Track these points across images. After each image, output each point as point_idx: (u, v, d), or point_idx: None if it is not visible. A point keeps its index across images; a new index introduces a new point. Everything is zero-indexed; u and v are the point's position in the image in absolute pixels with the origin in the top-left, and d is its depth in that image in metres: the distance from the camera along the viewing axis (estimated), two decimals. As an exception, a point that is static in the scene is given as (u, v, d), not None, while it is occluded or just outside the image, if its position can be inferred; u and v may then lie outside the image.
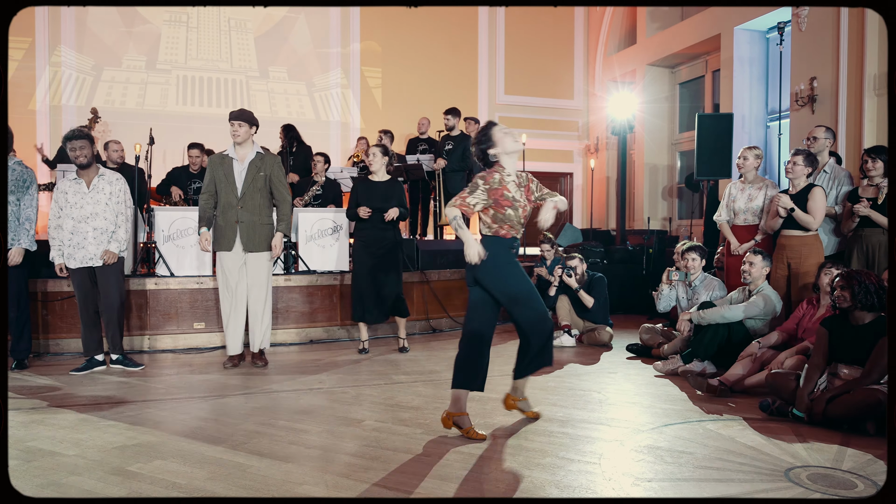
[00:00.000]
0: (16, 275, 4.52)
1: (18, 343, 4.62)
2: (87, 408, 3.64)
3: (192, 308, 5.42)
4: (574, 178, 11.79)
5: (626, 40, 11.27)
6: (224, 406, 3.72)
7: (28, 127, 8.80)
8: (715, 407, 3.68)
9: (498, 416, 3.47)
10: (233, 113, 4.49)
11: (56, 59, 9.06)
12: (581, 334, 5.73)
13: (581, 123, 11.74)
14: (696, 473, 2.66)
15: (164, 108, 9.45)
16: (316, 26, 10.20)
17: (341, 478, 2.59)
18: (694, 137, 7.51)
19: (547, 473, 2.64)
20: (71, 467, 2.71)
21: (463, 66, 10.95)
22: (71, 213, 4.43)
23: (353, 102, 10.43)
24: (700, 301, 4.73)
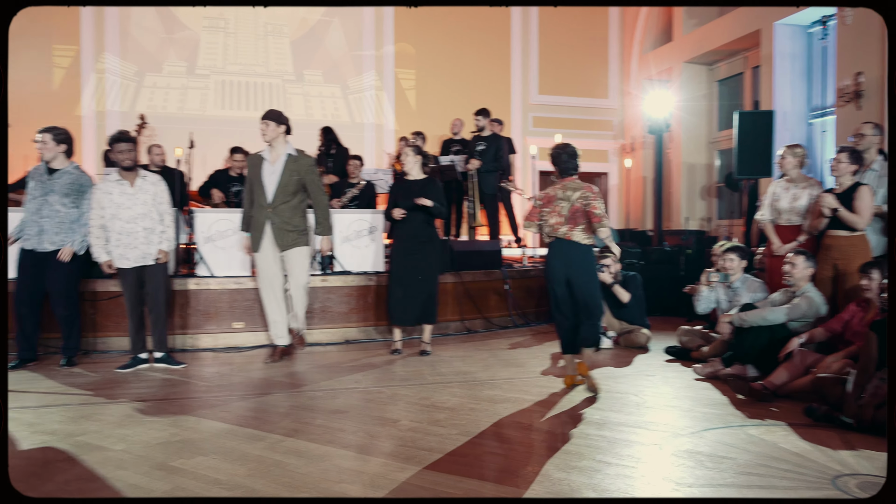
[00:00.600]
0: (66, 275, 4.66)
1: (68, 341, 4.75)
2: (132, 404, 3.72)
3: (232, 308, 5.50)
4: (609, 177, 11.65)
5: (662, 38, 11.09)
6: (263, 404, 3.77)
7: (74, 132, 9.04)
8: (757, 411, 3.57)
9: (534, 418, 3.44)
10: (264, 114, 4.56)
11: (101, 65, 9.32)
12: (617, 336, 5.63)
13: (616, 122, 11.59)
14: (738, 479, 2.59)
15: (204, 113, 9.65)
16: (350, 29, 10.29)
17: (378, 477, 2.60)
18: (733, 136, 7.34)
19: (584, 476, 2.61)
20: (117, 462, 2.77)
21: (496, 67, 10.91)
22: (119, 213, 4.51)
23: (386, 104, 10.48)
24: (741, 303, 4.62)
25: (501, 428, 3.26)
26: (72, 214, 4.65)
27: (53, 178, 4.65)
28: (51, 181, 4.63)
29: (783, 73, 8.31)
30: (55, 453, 2.90)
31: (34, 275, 4.61)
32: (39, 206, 4.59)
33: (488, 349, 5.47)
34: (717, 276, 5.00)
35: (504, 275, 6.64)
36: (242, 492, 2.46)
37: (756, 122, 7.09)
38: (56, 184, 4.62)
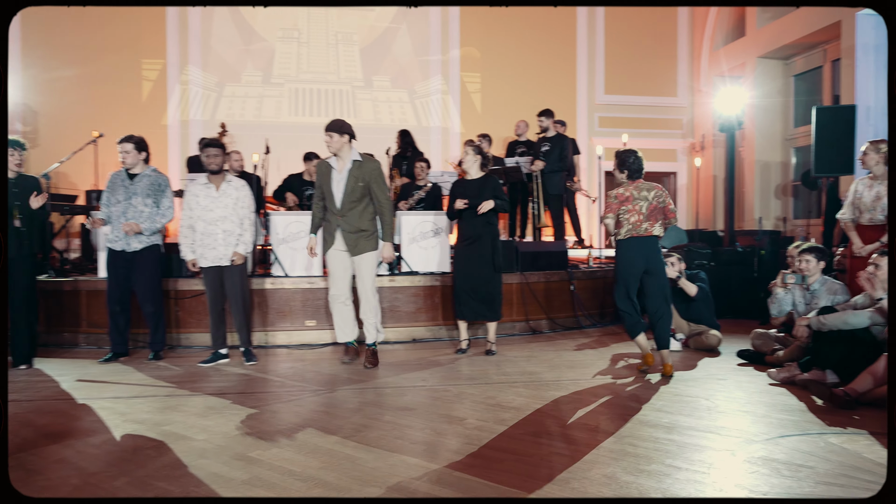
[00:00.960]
0: (150, 274, 4.93)
1: (154, 336, 5.03)
2: (213, 397, 3.88)
3: (304, 306, 5.67)
4: (678, 177, 11.30)
5: (733, 33, 10.67)
6: (334, 399, 3.85)
7: (161, 140, 9.55)
8: (838, 419, 3.38)
9: (601, 420, 3.38)
10: (327, 125, 4.57)
11: (185, 77, 9.79)
12: (687, 338, 5.47)
13: (685, 121, 11.23)
14: (818, 489, 2.46)
15: (278, 119, 9.97)
16: (417, 35, 10.40)
17: (445, 474, 2.61)
18: (811, 132, 6.98)
19: (653, 480, 2.54)
20: (200, 451, 2.90)
21: (562, 67, 10.79)
22: (203, 215, 4.73)
23: (452, 108, 10.53)
24: (820, 306, 4.39)
25: (567, 429, 3.22)
26: (153, 213, 4.92)
27: (135, 181, 4.91)
28: (133, 185, 4.90)
29: (866, 65, 7.83)
30: (144, 441, 3.06)
31: (122, 274, 4.89)
32: (125, 210, 4.83)
33: (554, 349, 5.42)
34: (793, 277, 4.77)
35: (570, 276, 6.56)
36: (314, 483, 2.52)
37: (836, 118, 6.72)
38: (138, 187, 4.88)
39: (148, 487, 2.49)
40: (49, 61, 9.32)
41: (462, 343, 5.27)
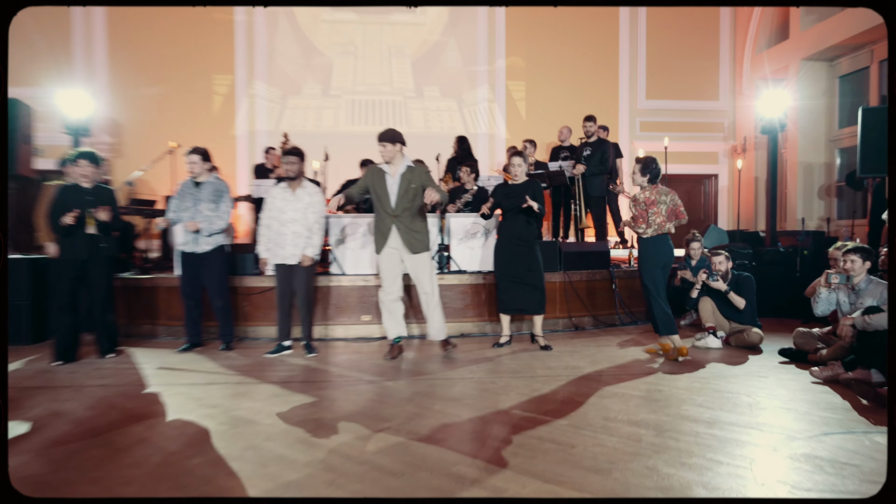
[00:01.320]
0: (218, 272, 5.10)
1: (225, 328, 5.20)
2: (277, 385, 3.99)
3: (360, 302, 5.76)
4: (719, 179, 10.97)
5: (777, 35, 10.28)
6: (388, 389, 3.91)
7: (230, 149, 9.89)
8: (884, 418, 3.23)
9: (642, 413, 3.33)
10: (379, 135, 4.61)
11: (252, 91, 10.09)
12: (727, 336, 5.32)
13: (727, 124, 10.90)
14: (864, 488, 2.37)
15: (336, 129, 10.16)
16: (465, 47, 10.42)
17: (491, 463, 2.63)
18: (856, 133, 6.67)
19: (694, 474, 2.49)
20: (266, 434, 3.00)
21: (604, 74, 10.63)
22: (277, 216, 4.88)
23: (498, 115, 10.51)
24: (865, 305, 4.20)
25: (609, 422, 3.18)
26: (219, 221, 5.05)
27: (200, 189, 5.06)
28: (199, 192, 5.05)
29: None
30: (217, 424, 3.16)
31: (193, 273, 5.08)
32: (193, 215, 4.99)
33: (596, 345, 5.35)
34: (837, 277, 4.58)
35: (612, 275, 6.47)
36: (370, 467, 2.57)
37: (884, 119, 6.39)
38: (203, 193, 5.04)
39: (221, 466, 2.59)
40: (132, 80, 9.77)
41: (502, 338, 5.27)
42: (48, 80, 9.37)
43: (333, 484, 2.39)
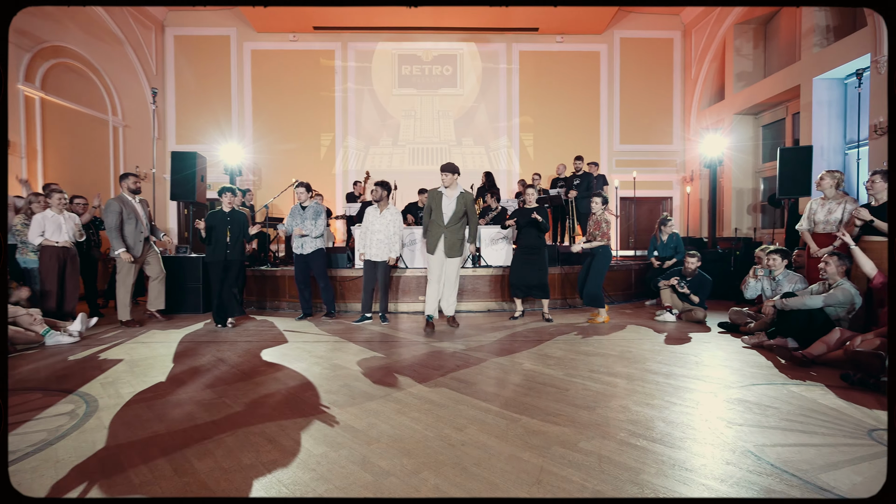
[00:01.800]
0: (320, 266, 5.14)
1: (329, 303, 5.30)
2: (362, 343, 4.05)
3: (418, 287, 5.79)
4: (673, 200, 10.56)
5: (715, 97, 9.83)
6: (437, 348, 3.90)
7: (331, 184, 10.08)
8: (798, 374, 3.07)
9: (617, 367, 3.23)
10: (442, 166, 4.54)
11: (346, 143, 10.27)
12: (680, 313, 5.12)
13: (679, 161, 10.48)
14: (782, 424, 2.25)
15: (402, 168, 10.24)
16: (491, 109, 10.35)
17: (510, 399, 2.60)
18: (776, 166, 6.31)
19: (656, 411, 2.41)
20: (354, 377, 3.04)
21: (589, 126, 10.38)
22: (369, 227, 4.96)
23: (514, 156, 10.39)
24: (783, 291, 3.98)
25: (593, 373, 3.11)
26: (313, 229, 5.08)
27: (305, 211, 5.15)
28: (304, 213, 5.14)
29: (821, 116, 7.00)
30: (322, 369, 3.23)
31: (303, 267, 5.16)
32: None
33: (584, 319, 5.24)
34: (762, 271, 4.36)
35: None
36: (424, 401, 2.58)
37: (796, 156, 6.03)
38: (307, 214, 5.12)
39: (325, 397, 2.64)
40: (268, 137, 10.08)
41: (515, 313, 5.20)
42: (215, 137, 9.79)
43: (400, 412, 2.41)
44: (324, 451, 1.97)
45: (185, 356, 3.60)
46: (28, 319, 3.97)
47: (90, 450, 2.00)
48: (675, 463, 1.86)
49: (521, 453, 1.94)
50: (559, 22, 9.87)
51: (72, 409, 2.50)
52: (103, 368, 3.26)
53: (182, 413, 2.41)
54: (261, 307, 6.11)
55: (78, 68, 7.59)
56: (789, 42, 8.12)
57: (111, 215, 4.74)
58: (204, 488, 1.69)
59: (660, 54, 10.40)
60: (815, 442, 2.05)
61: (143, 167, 8.85)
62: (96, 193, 5.96)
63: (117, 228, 4.75)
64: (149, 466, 1.85)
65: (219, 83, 10.04)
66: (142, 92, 9.13)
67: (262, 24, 9.83)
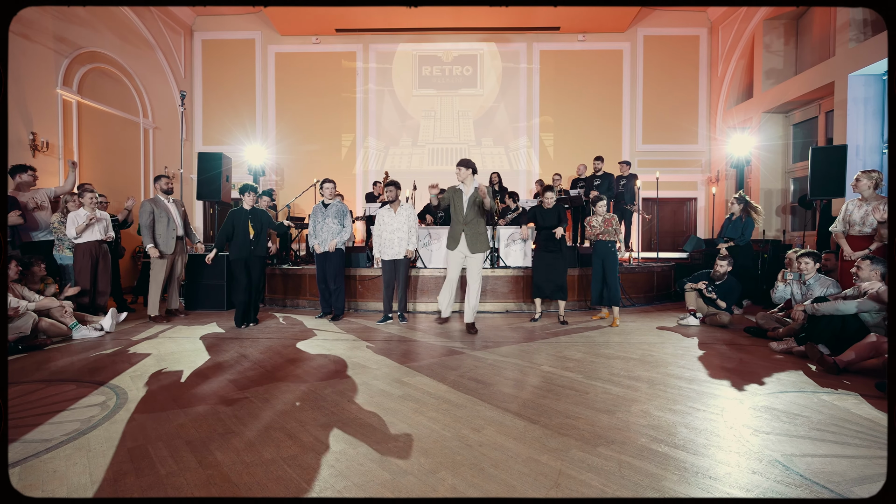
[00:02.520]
0: (338, 263, 5.05)
1: (337, 304, 5.17)
2: (380, 342, 4.07)
3: (436, 287, 5.79)
4: (698, 201, 10.29)
5: (743, 96, 9.53)
6: (454, 349, 3.89)
7: (351, 183, 10.19)
8: (829, 382, 2.94)
9: (639, 371, 3.17)
10: (459, 161, 4.48)
11: (366, 144, 10.36)
12: (704, 317, 4.98)
13: (704, 161, 10.20)
14: (812, 433, 2.16)
15: (422, 168, 10.27)
16: (510, 109, 10.28)
17: (527, 401, 2.58)
18: (807, 166, 6.08)
19: (678, 416, 2.35)
20: (373, 375, 3.07)
21: (610, 126, 10.20)
22: (386, 227, 4.93)
23: (533, 157, 10.30)
24: (814, 296, 3.83)
25: (614, 376, 3.05)
26: (338, 229, 5.05)
27: (328, 209, 5.06)
28: (326, 211, 5.05)
29: (856, 114, 6.71)
30: (341, 366, 3.28)
31: (323, 266, 5.11)
32: (321, 228, 5.05)
33: (604, 320, 5.15)
34: (791, 275, 4.21)
35: (615, 270, 6.19)
36: (443, 400, 2.57)
37: (829, 155, 5.80)
38: (329, 212, 5.04)
39: (344, 395, 2.67)
40: (290, 138, 10.26)
41: (536, 314, 5.15)
42: (240, 138, 10.01)
43: (418, 412, 2.42)
44: (342, 448, 1.99)
45: (209, 351, 3.69)
46: (60, 311, 4.14)
47: (120, 440, 2.07)
48: (698, 470, 1.81)
49: (539, 456, 1.92)
50: (581, 20, 9.75)
51: (103, 400, 2.59)
52: (132, 362, 3.37)
53: (206, 407, 2.48)
54: (282, 304, 6.22)
55: (112, 72, 7.88)
56: (823, 37, 7.82)
57: (143, 215, 5.02)
58: (226, 481, 1.73)
59: (685, 52, 10.16)
60: (848, 453, 1.96)
61: (172, 167, 9.12)
62: (129, 196, 6.16)
63: (148, 227, 5.00)
64: (174, 458, 1.91)
65: (244, 85, 10.27)
66: (171, 95, 9.41)
67: (286, 28, 10.01)
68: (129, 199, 5.98)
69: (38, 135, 6.35)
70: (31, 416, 2.34)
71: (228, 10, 10.00)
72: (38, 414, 2.38)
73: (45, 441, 2.06)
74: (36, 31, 6.35)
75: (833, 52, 7.11)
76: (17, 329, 3.74)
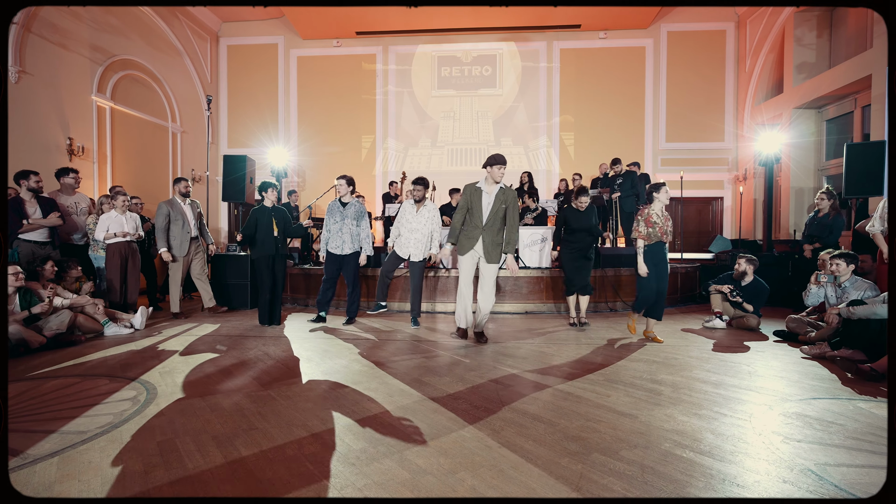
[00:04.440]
0: (355, 265, 4.77)
1: (352, 306, 4.90)
2: (398, 342, 4.05)
3: (455, 287, 5.79)
4: (724, 200, 9.99)
5: (773, 91, 9.23)
6: (473, 350, 3.87)
7: (371, 184, 10.29)
8: (866, 389, 2.82)
9: (662, 374, 3.09)
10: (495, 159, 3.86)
11: (385, 145, 10.45)
12: (731, 320, 4.84)
13: (731, 159, 9.91)
14: (847, 443, 2.07)
15: (441, 169, 10.30)
16: (530, 109, 10.21)
17: (548, 404, 2.55)
18: (841, 164, 5.85)
19: (703, 422, 2.29)
20: (392, 375, 3.05)
21: (632, 124, 10.02)
22: (405, 225, 4.69)
23: (553, 156, 10.20)
24: (849, 299, 3.67)
25: (636, 379, 2.99)
26: (357, 231, 4.77)
27: (346, 208, 4.73)
28: (345, 210, 4.72)
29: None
30: (365, 366, 3.30)
31: (335, 268, 4.79)
32: (340, 227, 4.70)
33: (626, 323, 5.05)
34: (825, 277, 4.05)
35: (638, 271, 6.08)
36: (460, 401, 2.56)
37: (866, 152, 5.55)
38: (349, 212, 4.72)
39: (362, 394, 2.68)
40: (312, 140, 10.43)
41: (572, 318, 4.84)
42: (263, 141, 10.23)
43: (437, 412, 2.41)
44: (363, 446, 2.01)
45: (233, 349, 3.78)
46: (93, 309, 4.31)
47: (150, 434, 2.14)
48: (724, 478, 1.76)
49: (559, 458, 1.90)
50: (603, 18, 9.60)
51: (134, 395, 2.68)
52: (161, 358, 3.48)
53: (231, 403, 2.53)
54: (303, 304, 6.32)
55: (142, 79, 8.16)
56: (859, 29, 7.50)
57: (159, 217, 5.21)
58: (250, 476, 1.76)
59: (711, 47, 9.89)
60: (884, 464, 1.87)
61: (198, 170, 9.38)
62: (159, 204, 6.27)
63: (163, 229, 5.18)
64: (201, 452, 1.96)
65: (267, 89, 10.49)
66: (198, 99, 9.68)
67: (308, 32, 10.17)
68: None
69: (75, 140, 6.63)
70: (67, 409, 2.44)
71: (252, 15, 10.24)
72: (74, 407, 2.48)
73: (81, 433, 2.15)
74: (72, 41, 6.63)
75: (870, 43, 6.81)
76: (55, 326, 3.91)
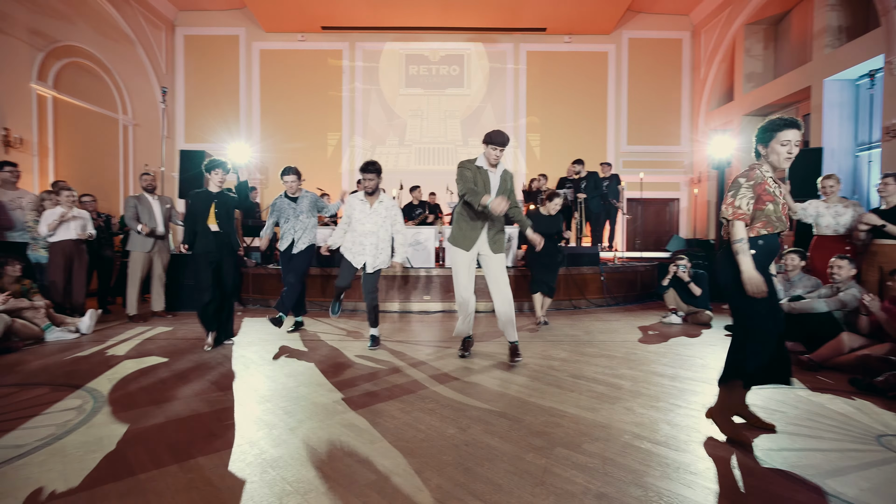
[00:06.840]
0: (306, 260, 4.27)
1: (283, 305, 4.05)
2: (365, 341, 4.03)
3: (425, 286, 5.78)
4: (680, 202, 10.48)
5: (724, 98, 9.75)
6: (440, 349, 3.88)
7: (337, 182, 10.12)
8: (805, 378, 3.03)
9: (622, 369, 3.21)
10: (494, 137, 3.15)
11: (352, 143, 10.30)
12: (686, 315, 5.08)
13: (686, 162, 10.39)
14: (789, 429, 2.22)
15: (408, 167, 10.25)
16: (497, 110, 10.33)
17: (514, 401, 2.59)
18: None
19: (661, 413, 2.39)
20: (357, 376, 3.01)
21: (596, 127, 10.33)
22: (357, 223, 3.74)
23: (520, 157, 10.37)
24: (795, 293, 3.93)
25: (598, 374, 3.09)
26: (310, 223, 4.31)
27: (297, 203, 4.25)
28: (297, 205, 4.24)
29: (831, 118, 6.92)
30: (325, 367, 3.24)
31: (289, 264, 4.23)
32: (293, 225, 4.22)
33: (589, 320, 5.21)
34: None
35: (601, 269, 6.28)
36: (427, 401, 2.56)
37: (806, 158, 5.96)
38: (302, 206, 4.25)
39: (328, 395, 2.64)
40: (275, 136, 10.14)
41: (539, 318, 4.88)
42: (223, 136, 9.85)
43: (404, 412, 2.40)
44: (327, 449, 1.97)
45: (188, 353, 3.62)
46: (31, 312, 4.02)
47: (97, 445, 2.02)
48: (679, 466, 1.84)
49: (524, 454, 1.93)
50: (567, 22, 9.84)
51: (80, 403, 2.52)
52: (111, 364, 3.29)
53: (186, 408, 2.43)
54: (265, 305, 6.14)
55: (90, 67, 7.67)
56: (801, 43, 8.03)
57: (127, 209, 5.08)
58: (208, 484, 1.70)
59: (668, 55, 10.34)
60: (822, 447, 2.02)
61: (153, 165, 8.93)
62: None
63: (133, 219, 5.05)
64: (154, 462, 1.86)
65: (228, 82, 10.11)
66: (152, 91, 9.21)
67: (271, 25, 9.88)
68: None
69: (11, 130, 6.16)
70: (2, 422, 2.27)
71: (211, 5, 9.84)
72: (10, 419, 2.31)
73: (18, 447, 2.00)
74: (9, 24, 6.15)
75: (810, 56, 7.31)
76: (-12, 331, 3.62)
